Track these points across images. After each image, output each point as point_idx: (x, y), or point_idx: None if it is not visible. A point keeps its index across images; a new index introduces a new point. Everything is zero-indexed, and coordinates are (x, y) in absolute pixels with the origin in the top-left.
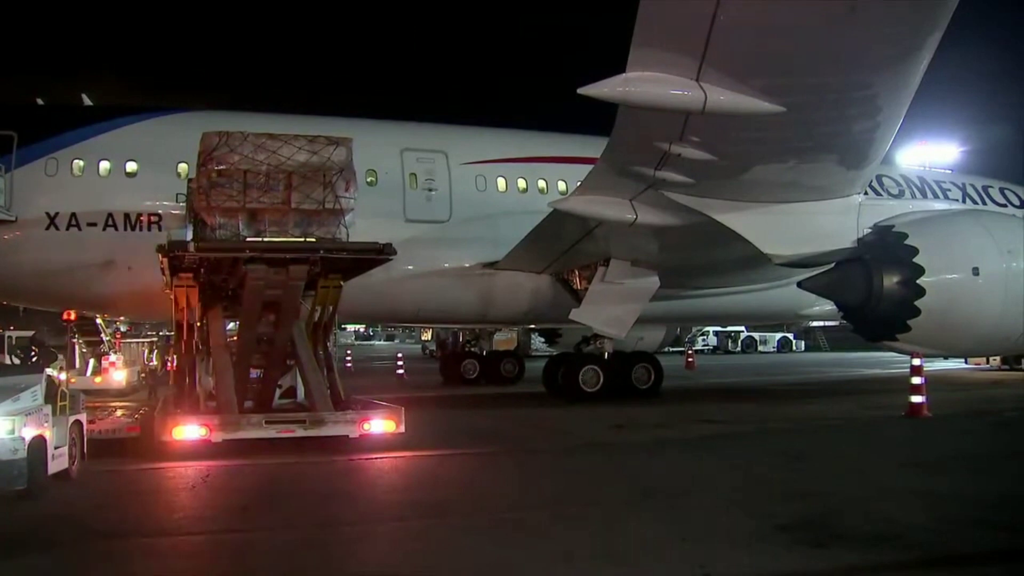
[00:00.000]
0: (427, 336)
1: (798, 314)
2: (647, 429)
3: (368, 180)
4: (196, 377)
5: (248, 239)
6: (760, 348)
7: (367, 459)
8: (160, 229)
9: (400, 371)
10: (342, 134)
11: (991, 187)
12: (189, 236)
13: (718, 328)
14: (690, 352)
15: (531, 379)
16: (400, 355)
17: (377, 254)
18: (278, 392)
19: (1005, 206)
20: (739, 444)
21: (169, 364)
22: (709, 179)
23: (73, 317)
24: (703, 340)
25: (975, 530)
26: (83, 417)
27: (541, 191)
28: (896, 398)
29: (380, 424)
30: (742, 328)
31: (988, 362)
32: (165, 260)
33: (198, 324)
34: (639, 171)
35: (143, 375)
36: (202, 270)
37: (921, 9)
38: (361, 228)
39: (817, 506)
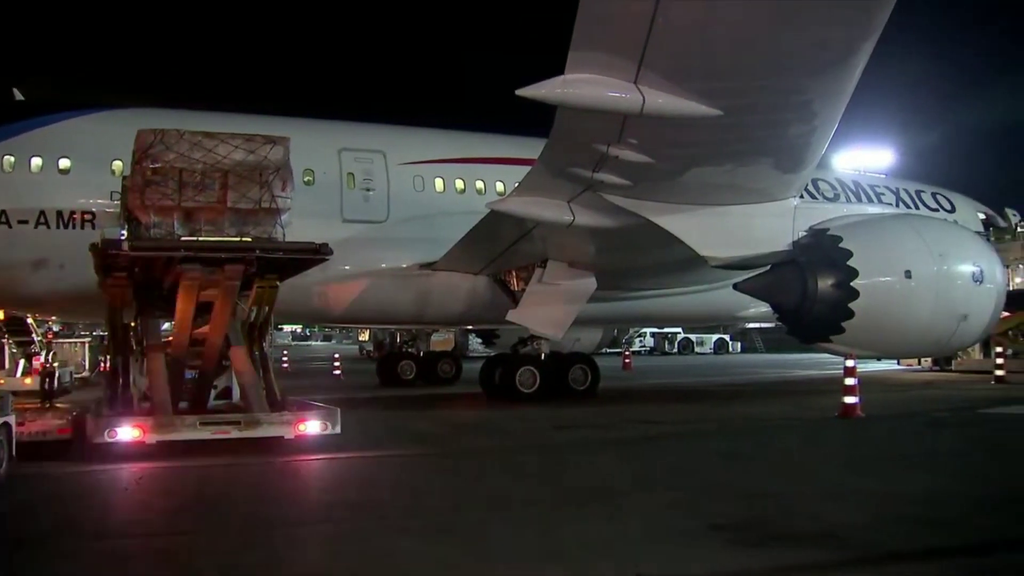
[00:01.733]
0: (364, 337)
1: (734, 316)
2: (584, 430)
3: (305, 180)
4: (130, 378)
5: (183, 238)
6: (697, 349)
7: (303, 460)
8: (94, 227)
9: (337, 372)
10: (279, 133)
11: (924, 192)
12: (123, 235)
13: (655, 329)
14: (627, 353)
15: (468, 380)
16: (337, 355)
17: (313, 254)
18: (213, 393)
19: (937, 210)
20: (675, 445)
21: (102, 365)
22: (646, 181)
23: (2, 316)
24: (640, 341)
25: (908, 527)
26: (11, 419)
27: (479, 192)
28: (830, 399)
29: (316, 425)
30: (679, 329)
31: (920, 363)
32: (98, 259)
33: (132, 324)
34: (577, 173)
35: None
36: (136, 269)
37: (856, 16)
38: (298, 228)
39: (753, 506)
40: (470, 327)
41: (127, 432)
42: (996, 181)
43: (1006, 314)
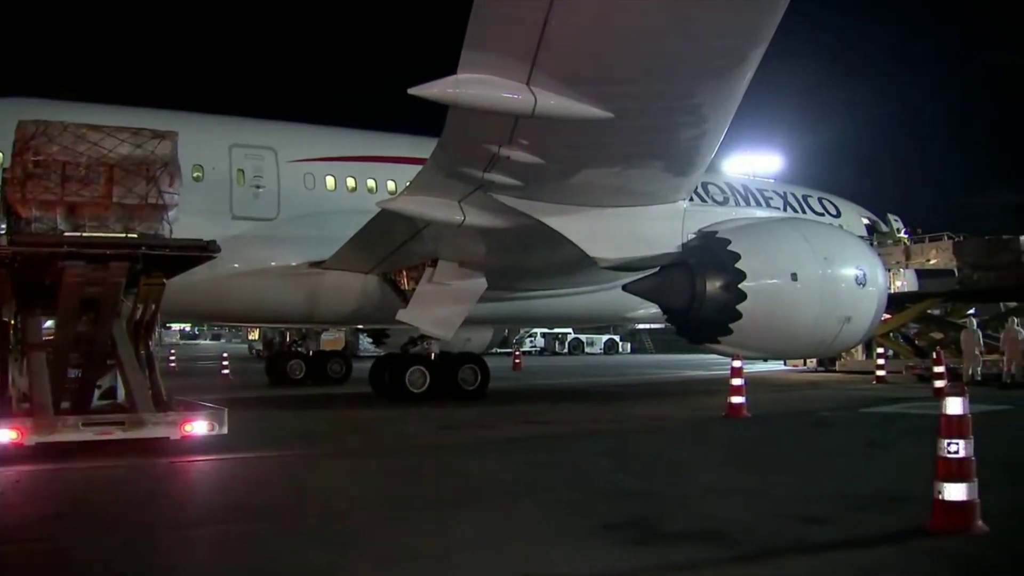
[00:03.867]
0: (254, 336)
1: (624, 317)
2: (474, 429)
3: (194, 175)
4: (8, 378)
5: (66, 234)
6: (587, 350)
7: (189, 461)
8: None
9: (225, 371)
10: (168, 127)
11: (811, 196)
12: (2, 229)
13: (545, 330)
14: (518, 353)
15: (358, 380)
16: (225, 355)
17: (201, 251)
18: (97, 393)
19: (823, 215)
20: (565, 444)
21: None
22: (537, 182)
23: None
24: (531, 341)
25: (792, 525)
26: None
27: (370, 190)
28: (717, 399)
29: (202, 425)
30: (569, 330)
31: (805, 364)
32: None
33: (11, 322)
34: (468, 173)
35: None
36: (16, 265)
37: (747, 23)
38: (186, 224)
39: (642, 505)
40: (360, 326)
41: (4, 434)
42: (880, 187)
43: (887, 316)
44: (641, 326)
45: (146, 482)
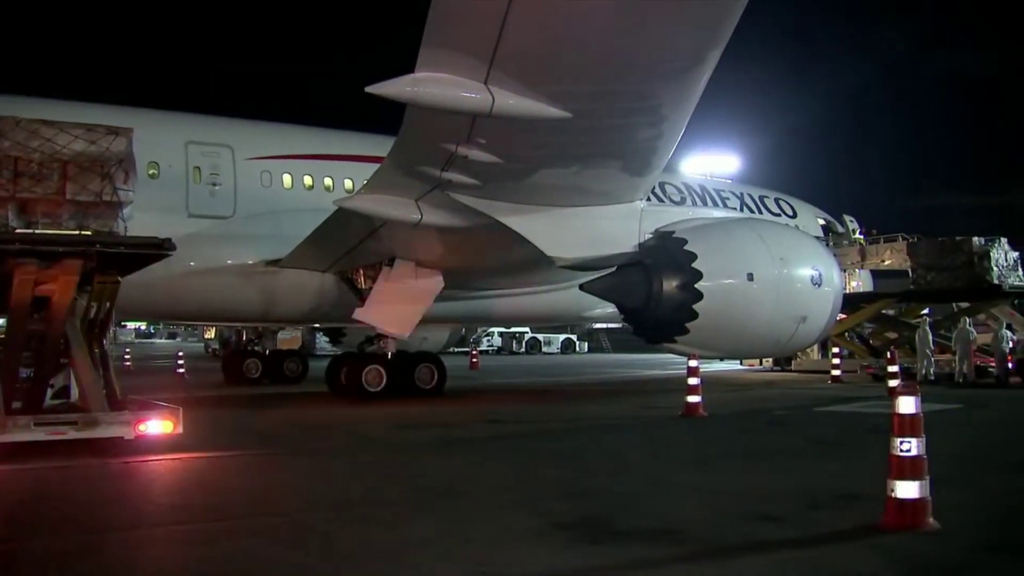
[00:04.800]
0: (210, 335)
1: (581, 316)
2: (430, 429)
3: (150, 172)
4: None
5: (18, 231)
6: (544, 349)
7: (143, 461)
8: None
9: (181, 370)
10: (123, 124)
11: (767, 197)
12: None
13: (503, 329)
14: (474, 352)
15: (315, 379)
16: (181, 353)
17: (156, 249)
18: (50, 392)
19: (779, 215)
20: (522, 444)
21: None
22: (495, 181)
23: None
24: (488, 341)
25: (745, 523)
26: None
27: (327, 189)
28: (674, 398)
29: (157, 425)
30: (526, 329)
31: (761, 363)
32: None
33: None
34: (425, 171)
35: None
36: None
37: (704, 25)
38: (141, 222)
39: (597, 504)
40: (317, 325)
41: None
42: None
43: (843, 316)
44: (598, 326)
45: (100, 482)
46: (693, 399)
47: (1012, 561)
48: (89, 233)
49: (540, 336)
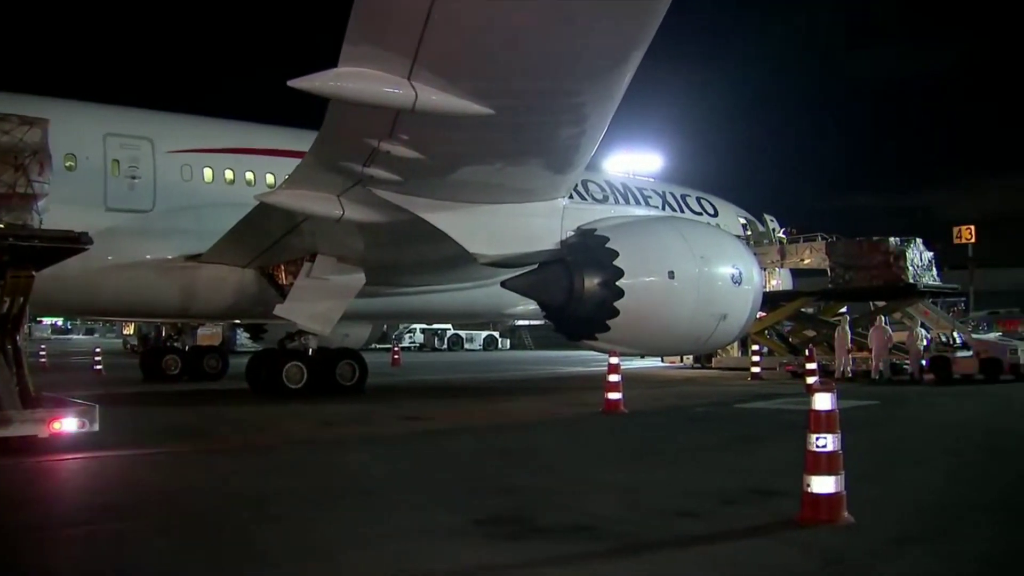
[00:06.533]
0: (129, 330)
1: (503, 313)
2: (350, 426)
3: (67, 165)
4: None
5: None
6: (466, 346)
7: (57, 460)
8: None
9: (98, 367)
10: (38, 114)
11: (689, 196)
12: None
13: (424, 326)
14: (396, 349)
15: (235, 375)
16: (98, 349)
17: (72, 243)
18: None
19: (701, 214)
20: (441, 440)
21: None
22: (417, 178)
23: None
24: (410, 337)
25: (665, 519)
26: None
27: (249, 183)
28: (595, 395)
29: (72, 423)
30: (448, 326)
31: (682, 360)
32: None
33: None
34: (347, 167)
35: None
36: None
37: (627, 25)
38: (57, 215)
39: (517, 500)
40: (238, 321)
41: None
42: (757, 188)
43: (762, 314)
44: (521, 323)
45: (12, 482)
46: (613, 396)
47: (920, 553)
48: (2, 226)
49: (462, 333)
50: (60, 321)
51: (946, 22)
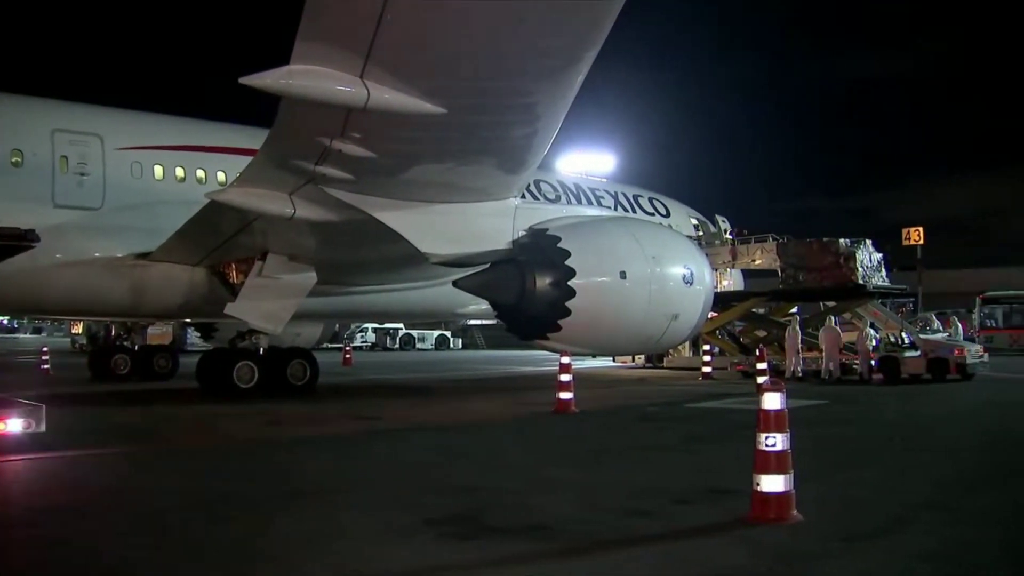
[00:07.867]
0: (78, 329)
1: (455, 312)
2: (301, 426)
3: (13, 161)
4: None
5: None
6: (418, 345)
7: (2, 461)
8: None
9: (45, 366)
10: None
11: (641, 196)
12: None
13: (376, 325)
14: (348, 348)
15: (185, 375)
16: (46, 349)
17: (18, 240)
18: None
19: (653, 214)
20: (393, 440)
21: None
22: (369, 177)
23: None
24: (361, 337)
25: (616, 518)
26: None
27: (200, 181)
28: (546, 395)
29: (18, 423)
30: (400, 325)
31: (634, 360)
32: None
33: None
34: (299, 165)
35: None
36: None
37: (580, 25)
38: (3, 212)
39: (468, 500)
40: (188, 320)
41: None
42: (709, 188)
43: (714, 314)
44: (472, 322)
45: None
46: (565, 396)
47: (865, 550)
48: None
49: (414, 332)
50: (6, 320)
51: (900, 28)
